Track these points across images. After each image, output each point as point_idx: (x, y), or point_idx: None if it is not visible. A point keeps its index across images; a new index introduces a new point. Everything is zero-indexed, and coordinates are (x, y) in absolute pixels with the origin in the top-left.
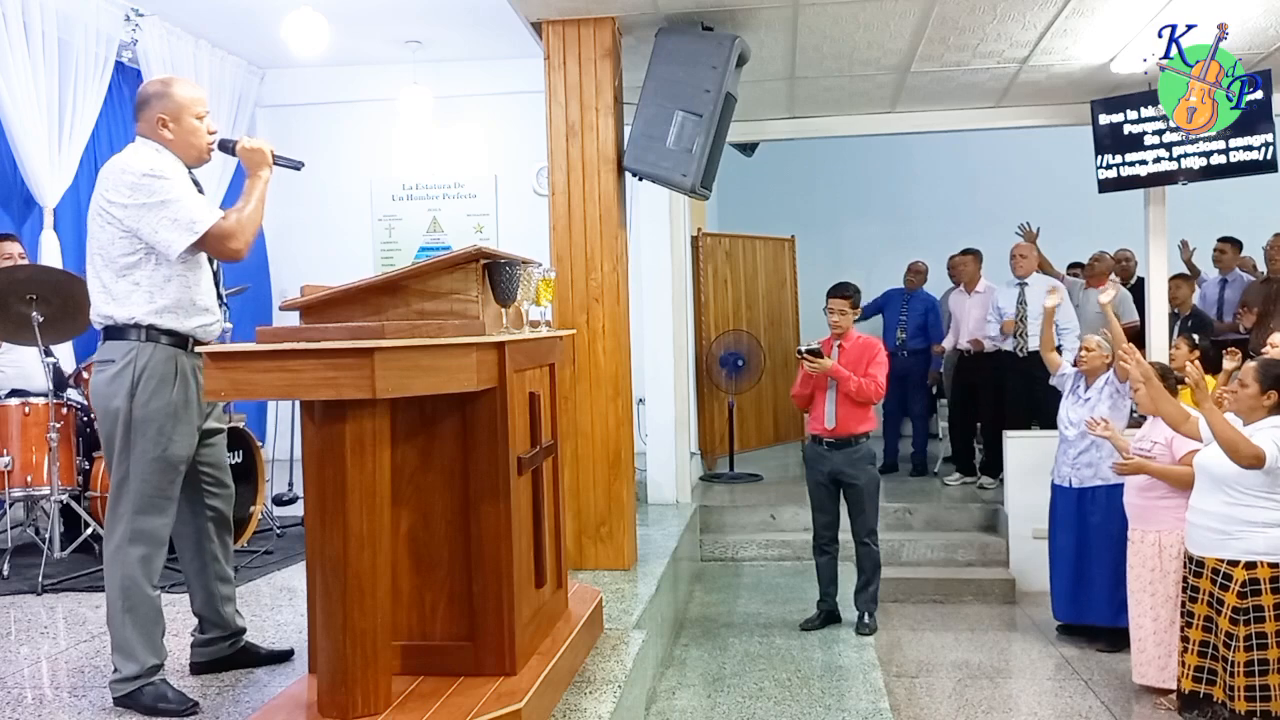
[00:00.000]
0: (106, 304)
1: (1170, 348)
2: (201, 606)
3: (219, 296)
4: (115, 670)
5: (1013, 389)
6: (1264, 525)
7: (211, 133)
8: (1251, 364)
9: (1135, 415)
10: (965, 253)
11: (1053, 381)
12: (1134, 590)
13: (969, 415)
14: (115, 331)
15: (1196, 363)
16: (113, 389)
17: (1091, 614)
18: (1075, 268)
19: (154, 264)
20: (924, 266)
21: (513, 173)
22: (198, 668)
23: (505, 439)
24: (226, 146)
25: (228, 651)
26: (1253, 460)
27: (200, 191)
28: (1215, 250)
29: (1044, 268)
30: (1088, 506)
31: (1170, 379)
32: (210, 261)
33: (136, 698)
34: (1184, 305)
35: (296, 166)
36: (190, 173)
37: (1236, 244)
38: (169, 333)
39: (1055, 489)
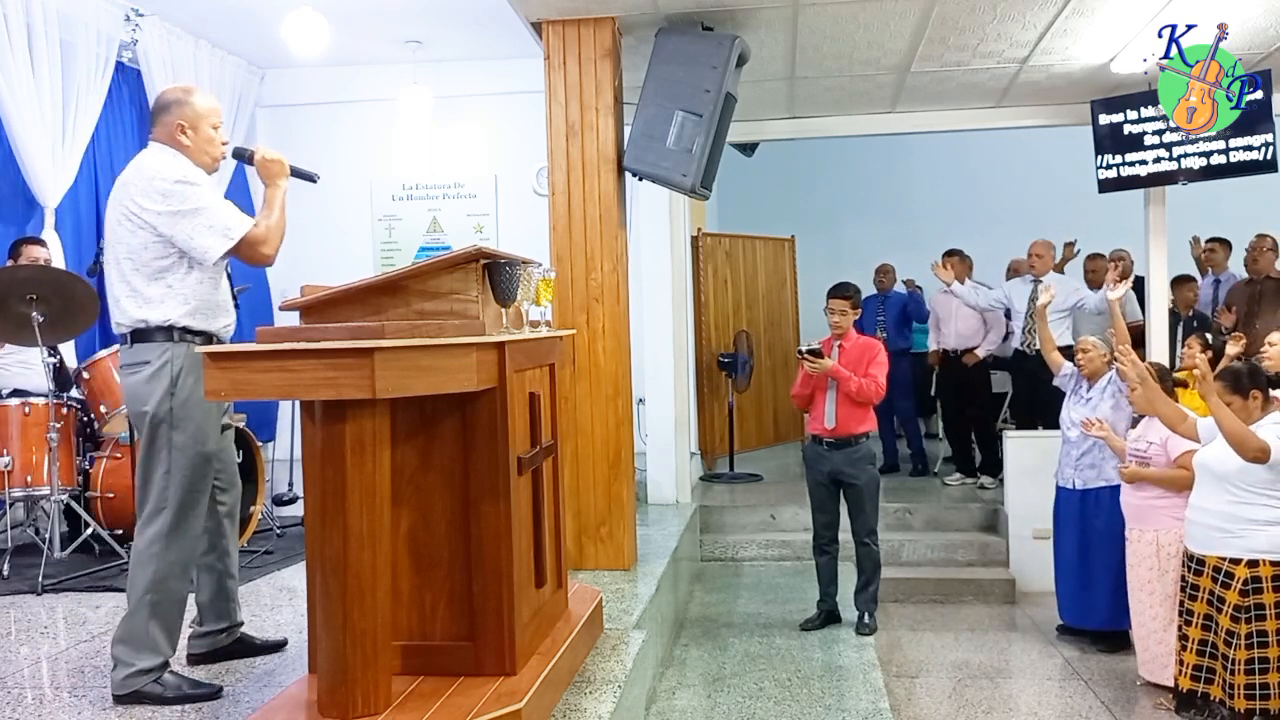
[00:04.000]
0: (139, 308)
1: (1183, 347)
2: (209, 599)
3: (233, 297)
4: (121, 665)
5: (1018, 388)
6: (1266, 523)
7: (224, 143)
8: (1218, 383)
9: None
10: (950, 253)
11: (1056, 382)
12: (1134, 589)
13: (959, 416)
14: (145, 334)
15: (1204, 358)
16: (150, 389)
17: (1094, 618)
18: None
19: (186, 268)
20: (890, 267)
21: (513, 173)
22: (195, 659)
23: (505, 439)
24: (242, 155)
25: (225, 642)
26: (1258, 454)
27: None
28: (1205, 249)
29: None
30: (1090, 508)
31: (1168, 380)
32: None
33: (151, 690)
34: (1188, 307)
35: (313, 179)
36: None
37: (1227, 244)
38: (199, 333)
39: (1059, 490)
